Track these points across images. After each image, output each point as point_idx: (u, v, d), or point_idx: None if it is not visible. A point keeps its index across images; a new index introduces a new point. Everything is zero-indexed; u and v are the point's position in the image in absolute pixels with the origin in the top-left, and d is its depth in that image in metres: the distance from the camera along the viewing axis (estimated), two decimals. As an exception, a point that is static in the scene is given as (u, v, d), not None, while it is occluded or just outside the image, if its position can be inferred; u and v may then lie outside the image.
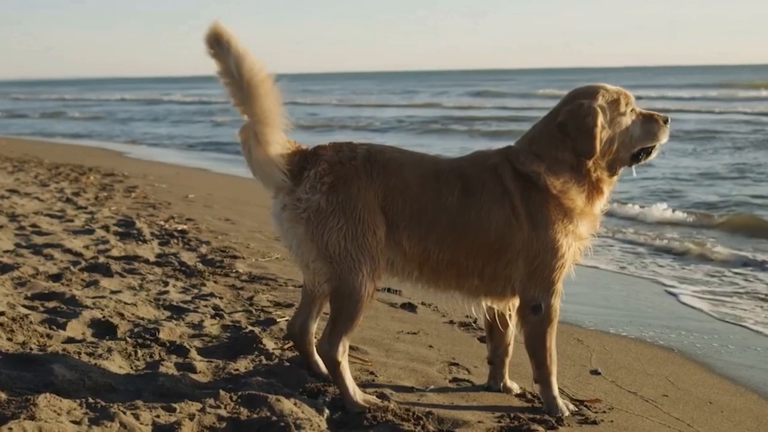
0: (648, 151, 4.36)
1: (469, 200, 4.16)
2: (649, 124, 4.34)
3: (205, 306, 6.01)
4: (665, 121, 4.37)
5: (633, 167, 4.41)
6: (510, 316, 4.46)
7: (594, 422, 4.24)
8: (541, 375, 4.32)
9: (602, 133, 4.19)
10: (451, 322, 6.07)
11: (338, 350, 4.15)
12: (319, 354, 4.35)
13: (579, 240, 4.23)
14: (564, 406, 4.30)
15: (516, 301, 4.37)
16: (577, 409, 4.36)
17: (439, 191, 4.17)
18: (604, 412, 4.42)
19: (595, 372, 5.16)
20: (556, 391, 4.33)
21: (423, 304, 6.53)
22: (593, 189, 4.23)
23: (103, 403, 3.82)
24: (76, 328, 5.22)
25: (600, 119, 4.18)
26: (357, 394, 4.19)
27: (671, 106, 37.06)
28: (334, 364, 4.17)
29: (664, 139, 4.37)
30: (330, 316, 4.21)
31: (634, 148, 4.32)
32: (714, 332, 6.48)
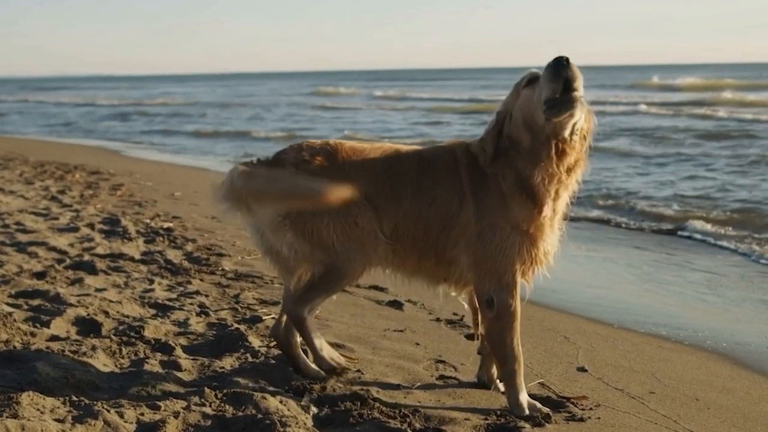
0: (556, 104, 3.84)
1: (424, 172, 4.25)
2: (540, 80, 3.93)
3: (191, 304, 5.98)
4: (548, 66, 3.87)
5: (565, 130, 3.94)
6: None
7: (581, 419, 4.23)
8: (504, 373, 4.27)
9: (492, 125, 4.17)
10: (438, 320, 6.05)
11: (304, 309, 4.29)
12: (285, 312, 4.46)
13: (518, 230, 4.08)
14: (529, 405, 4.20)
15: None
16: (548, 411, 4.22)
17: (402, 170, 4.27)
18: (591, 409, 4.41)
19: (581, 369, 5.16)
20: (520, 391, 4.23)
21: (409, 301, 6.51)
22: (521, 178, 4.06)
23: (87, 401, 3.80)
24: (60, 326, 5.19)
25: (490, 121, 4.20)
26: (324, 349, 4.41)
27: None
28: (299, 321, 4.32)
29: (545, 82, 3.85)
30: (307, 283, 4.32)
31: (540, 108, 3.89)
32: (702, 329, 6.49)
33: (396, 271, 4.47)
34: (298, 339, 4.60)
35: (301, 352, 4.60)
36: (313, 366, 4.49)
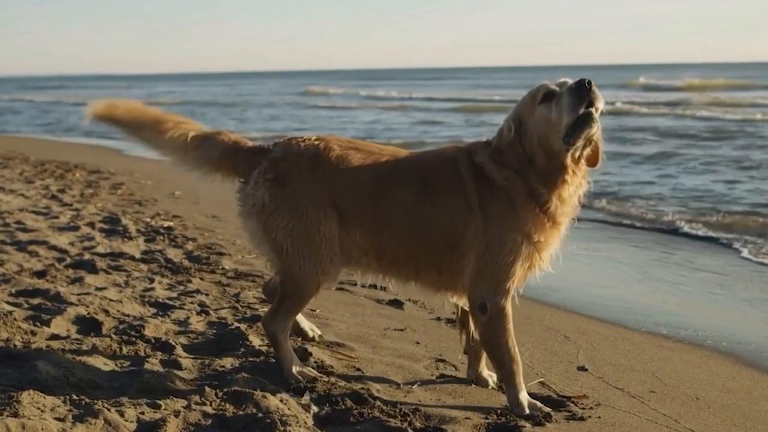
0: (577, 128, 3.86)
1: (425, 193, 4.19)
2: (560, 101, 3.92)
3: (191, 303, 5.98)
4: (570, 89, 3.89)
5: (577, 152, 3.99)
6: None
7: (581, 418, 4.23)
8: (503, 375, 4.25)
9: (510, 138, 4.07)
10: (438, 319, 6.05)
11: (279, 329, 4.41)
12: (262, 324, 4.56)
13: (529, 240, 4.07)
14: (529, 404, 4.19)
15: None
16: (549, 410, 4.21)
17: (395, 186, 4.23)
18: (592, 408, 4.40)
19: (582, 368, 5.15)
20: (520, 390, 4.21)
21: (410, 300, 6.51)
22: (533, 192, 4.04)
23: (88, 400, 3.79)
24: (60, 324, 5.18)
25: (506, 130, 4.10)
26: (294, 365, 4.44)
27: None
28: (274, 339, 4.45)
29: (568, 107, 3.85)
30: (278, 296, 4.45)
31: (558, 132, 3.92)
32: (703, 328, 6.49)
33: (387, 278, 4.47)
34: (309, 329, 4.82)
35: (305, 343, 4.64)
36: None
